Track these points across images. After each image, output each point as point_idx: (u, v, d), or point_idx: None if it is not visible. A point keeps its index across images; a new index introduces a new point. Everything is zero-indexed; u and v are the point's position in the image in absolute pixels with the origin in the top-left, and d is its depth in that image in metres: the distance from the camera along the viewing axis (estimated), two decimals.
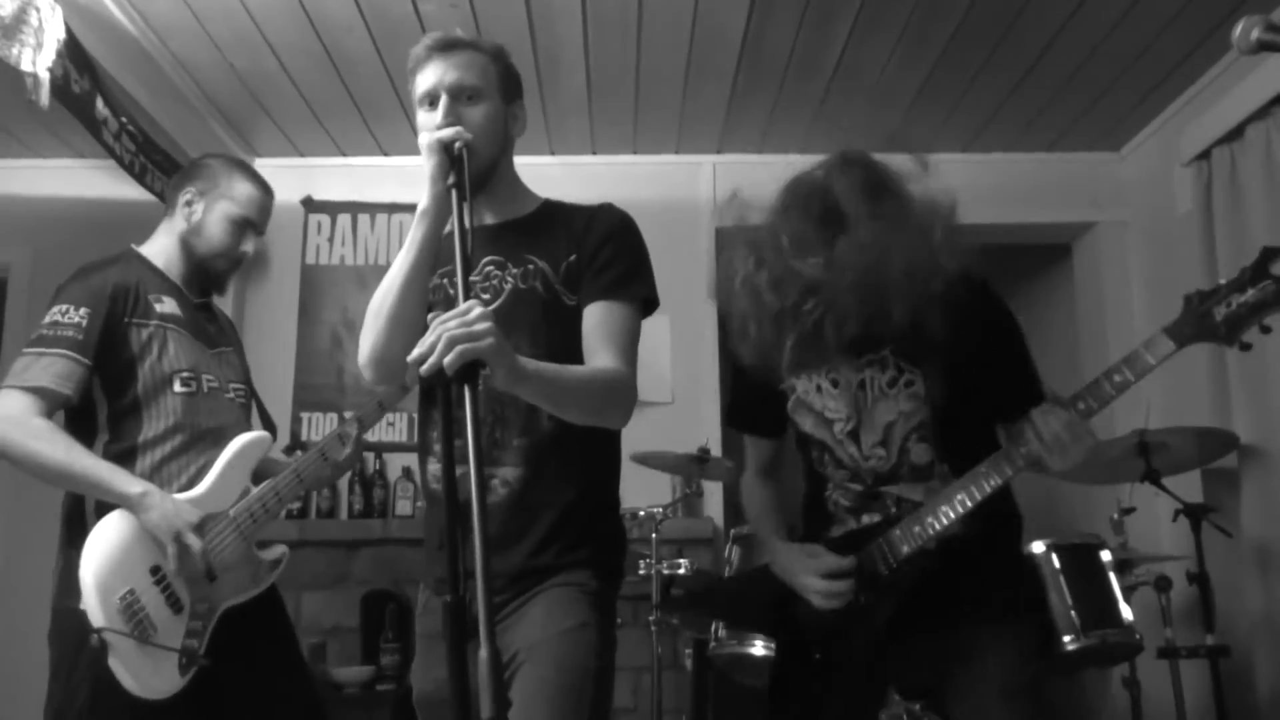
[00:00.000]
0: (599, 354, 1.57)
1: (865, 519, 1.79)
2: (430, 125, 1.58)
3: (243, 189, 2.24)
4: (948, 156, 4.05)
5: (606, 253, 1.63)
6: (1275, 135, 3.15)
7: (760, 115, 3.89)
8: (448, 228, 1.57)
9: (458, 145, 1.49)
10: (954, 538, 1.70)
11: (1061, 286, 4.52)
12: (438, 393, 1.65)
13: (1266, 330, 1.53)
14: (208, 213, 2.21)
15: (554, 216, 1.71)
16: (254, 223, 2.25)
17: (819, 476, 1.86)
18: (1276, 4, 3.03)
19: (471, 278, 1.65)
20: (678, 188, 4.19)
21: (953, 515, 1.66)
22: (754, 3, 3.12)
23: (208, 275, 2.24)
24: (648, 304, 1.67)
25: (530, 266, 1.64)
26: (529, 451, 1.58)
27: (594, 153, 4.21)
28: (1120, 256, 4.13)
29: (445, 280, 1.68)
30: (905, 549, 1.70)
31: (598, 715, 1.51)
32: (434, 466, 1.66)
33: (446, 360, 1.23)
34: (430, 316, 1.29)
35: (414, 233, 1.55)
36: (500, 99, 1.65)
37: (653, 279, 1.68)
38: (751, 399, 1.95)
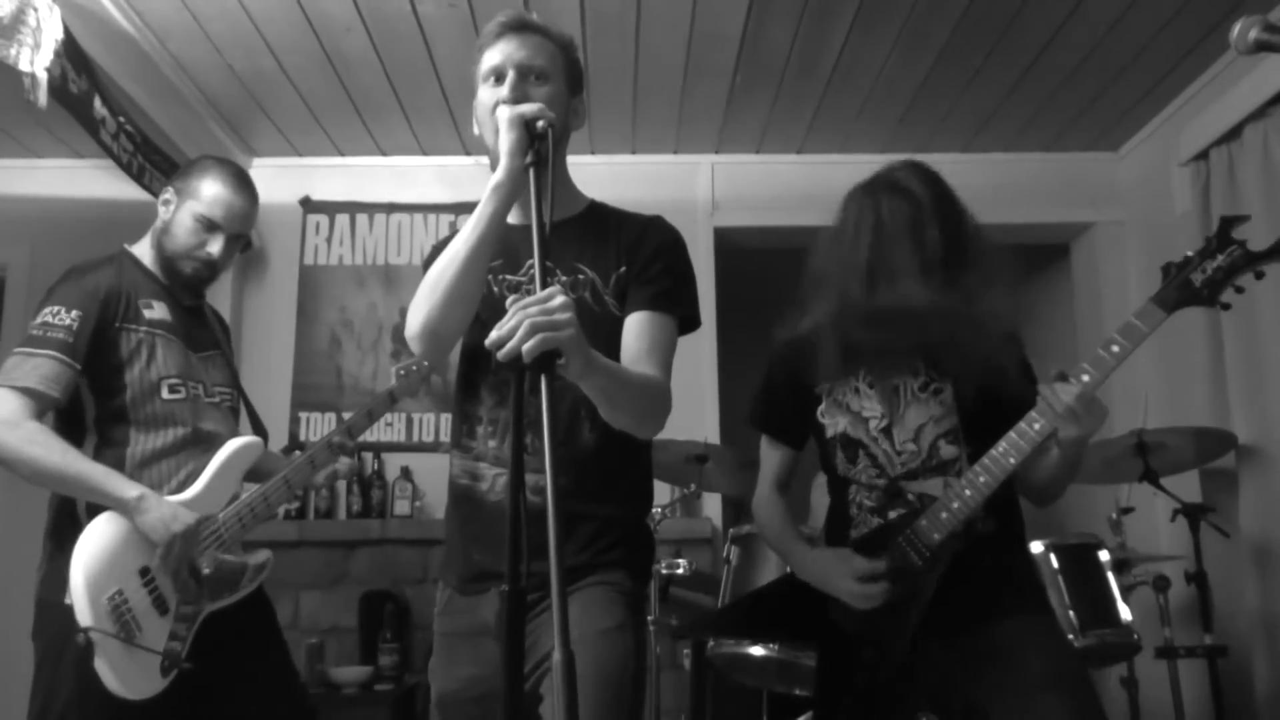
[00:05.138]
0: (641, 362, 1.55)
1: (891, 515, 1.83)
2: (491, 100, 1.54)
3: (210, 189, 2.16)
4: (946, 156, 4.05)
5: (657, 267, 1.62)
6: (1273, 136, 3.15)
7: (759, 115, 3.89)
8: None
9: (541, 123, 1.41)
10: (980, 535, 1.75)
11: (1060, 286, 4.52)
12: (480, 390, 1.63)
13: (1240, 290, 1.67)
14: (177, 211, 2.17)
15: (604, 222, 1.68)
16: (218, 224, 2.15)
17: (843, 481, 1.90)
18: (1274, 4, 3.04)
19: (518, 277, 1.63)
20: (676, 188, 4.19)
21: (977, 496, 1.71)
22: (752, 3, 3.12)
23: (176, 277, 2.18)
24: (688, 321, 1.66)
25: (580, 276, 1.61)
26: (568, 463, 1.54)
27: (592, 152, 4.20)
28: (1118, 256, 4.13)
29: (488, 277, 1.62)
30: (936, 536, 1.75)
31: (634, 717, 1.51)
32: (463, 462, 1.63)
33: (526, 346, 1.19)
34: (509, 301, 1.25)
35: (484, 207, 1.48)
36: (565, 88, 1.62)
37: (697, 299, 1.68)
38: (784, 402, 1.98)
